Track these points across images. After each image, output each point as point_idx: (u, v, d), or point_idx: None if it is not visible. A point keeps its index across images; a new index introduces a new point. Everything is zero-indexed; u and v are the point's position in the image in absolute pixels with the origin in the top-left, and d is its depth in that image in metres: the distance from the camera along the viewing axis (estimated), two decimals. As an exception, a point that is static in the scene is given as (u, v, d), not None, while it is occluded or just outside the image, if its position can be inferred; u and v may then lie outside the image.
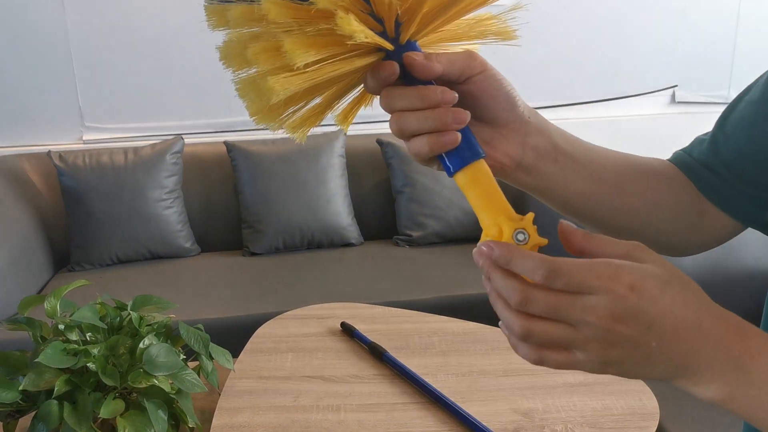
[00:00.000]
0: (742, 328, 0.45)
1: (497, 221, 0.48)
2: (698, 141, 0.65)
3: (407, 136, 0.52)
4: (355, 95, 0.57)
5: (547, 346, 0.45)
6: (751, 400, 0.44)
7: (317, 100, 0.55)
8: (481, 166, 0.50)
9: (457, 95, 0.50)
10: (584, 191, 0.60)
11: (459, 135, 0.49)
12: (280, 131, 0.56)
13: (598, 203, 0.61)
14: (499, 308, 0.46)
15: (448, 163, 0.51)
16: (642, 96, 3.07)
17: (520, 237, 0.46)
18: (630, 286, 0.42)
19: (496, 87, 0.53)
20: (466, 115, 0.50)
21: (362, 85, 0.55)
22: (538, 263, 0.43)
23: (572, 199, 0.60)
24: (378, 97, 0.53)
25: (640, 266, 0.44)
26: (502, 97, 0.54)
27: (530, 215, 0.47)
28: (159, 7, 2.67)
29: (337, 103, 0.56)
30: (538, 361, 0.45)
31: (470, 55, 0.52)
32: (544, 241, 0.47)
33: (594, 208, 0.61)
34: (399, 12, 0.49)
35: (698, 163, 0.64)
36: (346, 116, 0.58)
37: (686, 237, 0.65)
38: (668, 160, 0.66)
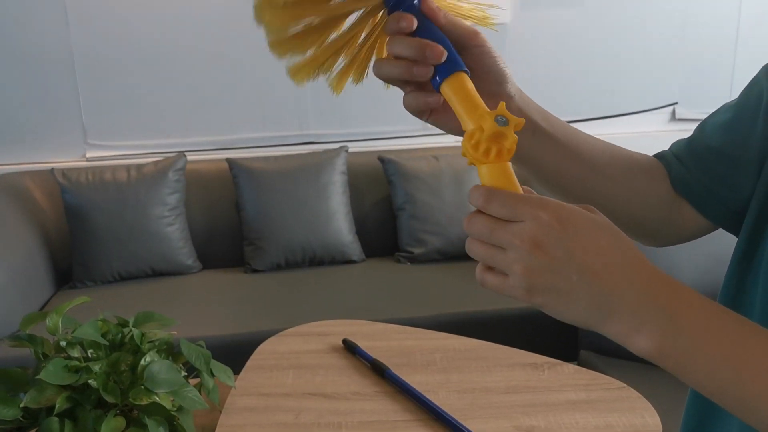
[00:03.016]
0: (672, 283, 0.46)
1: (478, 116, 0.51)
2: (679, 140, 0.70)
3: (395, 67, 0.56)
4: (351, 57, 0.61)
5: (488, 270, 0.49)
6: (682, 351, 0.45)
7: (325, 45, 0.58)
8: (464, 77, 0.55)
9: (443, 50, 0.54)
10: (559, 168, 0.64)
11: (444, 50, 0.54)
12: (291, 60, 0.59)
13: (572, 180, 0.65)
14: None
15: (436, 76, 0.55)
16: (642, 113, 3.08)
17: (501, 120, 0.49)
18: (557, 217, 0.45)
19: (489, 63, 0.58)
20: (442, 51, 0.54)
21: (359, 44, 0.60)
22: (480, 191, 0.48)
23: (547, 173, 0.65)
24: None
25: (572, 206, 0.47)
26: (493, 73, 0.59)
27: (502, 103, 0.51)
28: (161, 27, 2.69)
29: (342, 49, 0.59)
30: (481, 281, 0.49)
31: (475, 30, 0.58)
32: (521, 120, 0.50)
33: (568, 185, 0.66)
34: None
35: (673, 155, 0.68)
36: (340, 80, 0.62)
37: (658, 227, 0.69)
38: (652, 155, 0.71)
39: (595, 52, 2.99)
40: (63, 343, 0.91)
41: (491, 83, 0.59)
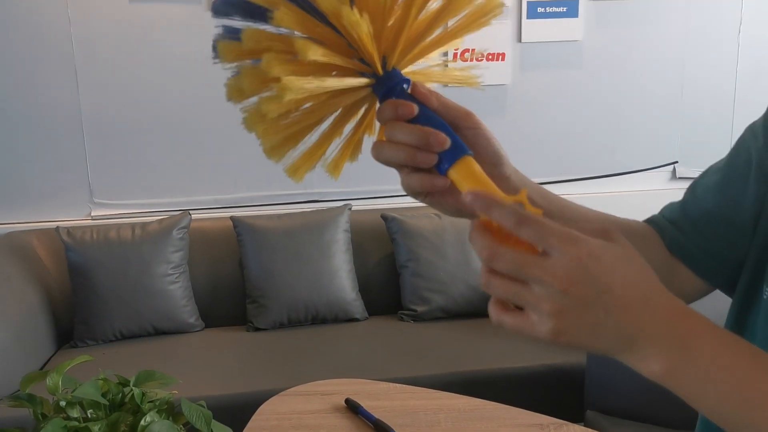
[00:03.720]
0: (688, 312, 0.47)
1: None
2: (670, 204, 0.71)
3: (395, 151, 0.55)
4: (345, 139, 0.61)
5: (504, 309, 0.47)
6: (690, 377, 0.46)
7: (315, 136, 0.59)
8: (471, 161, 0.54)
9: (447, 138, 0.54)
10: None
11: (447, 137, 0.54)
12: (285, 164, 0.59)
13: None
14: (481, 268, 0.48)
15: (442, 162, 0.54)
16: (643, 172, 3.10)
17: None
18: (587, 252, 0.45)
19: (484, 145, 0.58)
20: (445, 139, 0.53)
21: (350, 128, 0.59)
22: (512, 209, 0.46)
23: None
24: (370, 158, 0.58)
25: (599, 240, 0.46)
26: (489, 155, 0.58)
27: (524, 191, 0.50)
28: (167, 89, 2.75)
29: (334, 138, 0.60)
30: (497, 322, 0.48)
31: (467, 111, 0.57)
32: (539, 210, 0.49)
33: None
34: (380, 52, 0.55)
35: (666, 221, 0.69)
36: (337, 164, 0.62)
37: None
38: (642, 221, 0.71)
39: (595, 111, 3.04)
40: (62, 403, 0.90)
41: (487, 165, 0.58)
